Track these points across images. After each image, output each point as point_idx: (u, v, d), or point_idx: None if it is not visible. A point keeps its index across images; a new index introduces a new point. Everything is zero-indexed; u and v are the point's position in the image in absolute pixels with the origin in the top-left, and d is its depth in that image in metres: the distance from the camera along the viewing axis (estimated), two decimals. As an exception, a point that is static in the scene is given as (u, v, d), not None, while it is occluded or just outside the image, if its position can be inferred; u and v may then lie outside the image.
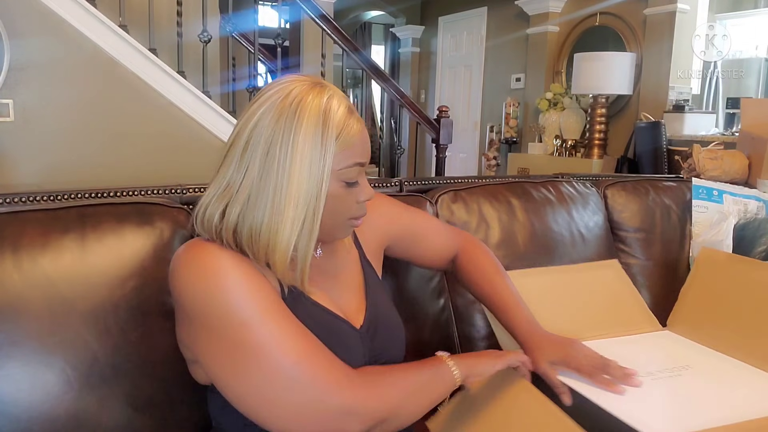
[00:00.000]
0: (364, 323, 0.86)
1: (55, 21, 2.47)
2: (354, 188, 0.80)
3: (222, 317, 0.71)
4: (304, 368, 0.70)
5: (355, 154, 0.78)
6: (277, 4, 3.33)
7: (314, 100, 0.75)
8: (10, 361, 0.83)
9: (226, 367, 0.72)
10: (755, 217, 1.55)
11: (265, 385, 0.70)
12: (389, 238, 1.02)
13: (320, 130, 0.74)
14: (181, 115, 2.73)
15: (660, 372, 0.92)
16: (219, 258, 0.73)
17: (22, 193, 1.03)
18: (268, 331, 0.71)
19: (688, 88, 4.22)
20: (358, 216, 0.83)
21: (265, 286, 0.75)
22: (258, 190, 0.74)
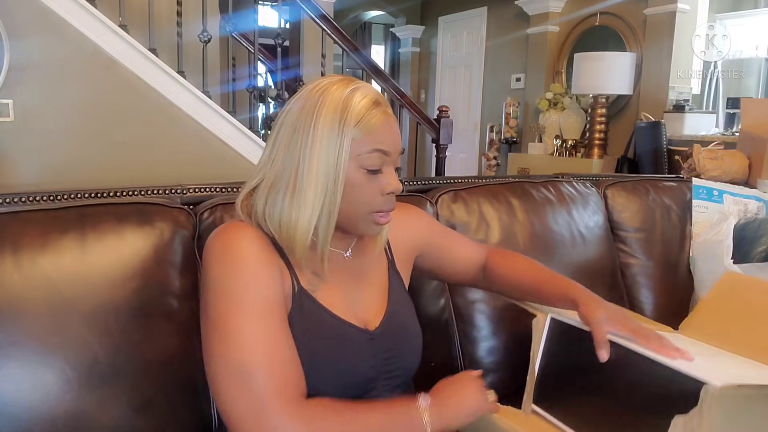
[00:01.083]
0: (378, 327, 0.86)
1: (55, 21, 2.46)
2: (377, 178, 0.80)
3: (220, 297, 0.76)
4: (259, 379, 0.72)
5: (376, 140, 0.78)
6: (277, 4, 3.33)
7: (338, 90, 0.79)
8: (10, 361, 0.83)
9: (209, 336, 0.77)
10: (755, 217, 1.55)
11: (225, 373, 0.73)
12: (420, 248, 1.02)
13: (338, 116, 0.77)
14: (181, 115, 2.73)
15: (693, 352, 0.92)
16: (245, 243, 0.78)
17: (22, 193, 1.03)
18: (254, 330, 0.74)
19: (688, 88, 4.22)
20: (382, 209, 0.82)
21: (271, 286, 0.77)
22: (282, 173, 0.79)
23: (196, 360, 0.98)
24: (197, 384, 0.98)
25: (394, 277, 0.94)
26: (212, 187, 1.20)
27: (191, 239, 1.02)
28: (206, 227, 1.04)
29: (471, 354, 1.27)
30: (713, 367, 0.85)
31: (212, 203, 1.08)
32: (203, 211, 1.06)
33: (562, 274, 1.36)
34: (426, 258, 1.04)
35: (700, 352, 0.93)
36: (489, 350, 1.27)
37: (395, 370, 0.86)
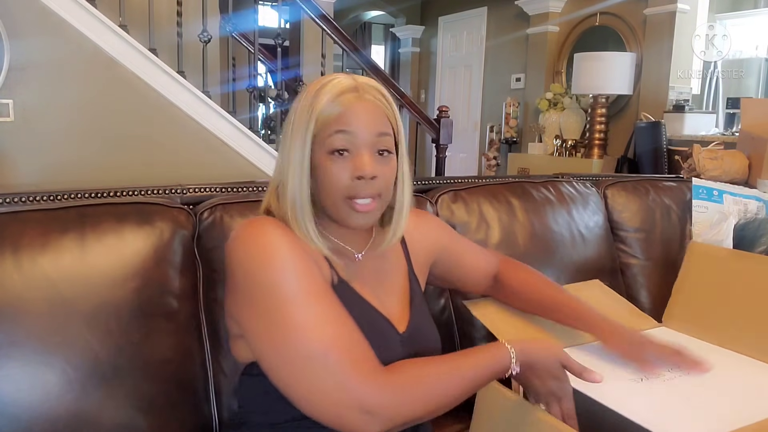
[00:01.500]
0: (406, 330, 0.87)
1: (55, 21, 2.46)
2: (346, 161, 0.78)
3: (268, 290, 0.73)
4: (333, 357, 0.70)
5: (341, 122, 0.77)
6: (277, 4, 3.33)
7: (318, 81, 0.81)
8: (10, 361, 0.83)
9: (264, 338, 0.74)
10: (755, 217, 1.55)
11: (296, 363, 0.71)
12: (437, 254, 1.02)
13: (310, 99, 0.79)
14: (181, 115, 2.73)
15: (669, 372, 0.92)
16: (275, 234, 0.76)
17: (22, 193, 1.03)
18: (308, 313, 0.72)
19: (688, 88, 4.22)
20: (355, 195, 0.78)
21: (315, 270, 0.77)
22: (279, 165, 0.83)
23: (196, 359, 0.98)
24: (197, 383, 0.98)
25: (414, 282, 0.95)
26: (212, 187, 1.20)
27: (191, 239, 1.02)
28: (206, 227, 1.04)
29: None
30: (679, 405, 0.84)
31: (212, 203, 1.08)
32: (203, 211, 1.06)
33: (562, 274, 1.36)
34: (440, 264, 1.03)
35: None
36: (489, 350, 1.27)
37: None
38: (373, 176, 0.78)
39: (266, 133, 3.47)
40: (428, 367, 0.75)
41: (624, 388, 0.88)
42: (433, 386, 0.73)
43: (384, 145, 0.80)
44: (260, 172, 2.86)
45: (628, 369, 0.93)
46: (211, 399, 0.99)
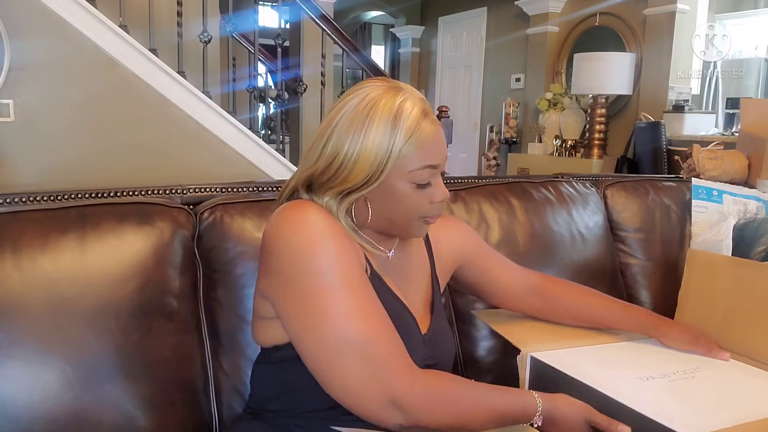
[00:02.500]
0: (428, 332, 0.88)
1: (55, 21, 2.46)
2: (426, 189, 0.81)
3: (312, 276, 0.74)
4: (371, 348, 0.72)
5: (426, 156, 0.79)
6: (277, 4, 3.33)
7: (387, 103, 0.79)
8: (10, 361, 0.83)
9: (301, 322, 0.75)
10: (755, 217, 1.55)
11: (335, 349, 0.72)
12: (461, 260, 1.03)
13: (388, 133, 0.77)
14: (181, 115, 2.73)
15: (674, 374, 0.93)
16: (320, 221, 0.77)
17: (22, 193, 1.03)
18: (348, 302, 0.73)
19: (688, 88, 4.22)
20: (431, 216, 0.83)
21: (355, 259, 0.78)
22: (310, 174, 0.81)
23: (195, 359, 0.98)
24: (196, 383, 0.98)
25: (436, 285, 0.96)
26: (212, 187, 1.20)
27: (191, 239, 1.02)
28: (206, 227, 1.04)
29: (471, 354, 1.27)
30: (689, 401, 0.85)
31: (212, 203, 1.08)
32: (203, 211, 1.06)
33: (561, 274, 1.36)
34: (467, 271, 1.04)
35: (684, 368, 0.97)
36: (489, 350, 1.27)
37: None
38: (448, 197, 0.84)
39: (266, 133, 3.47)
40: (463, 385, 0.77)
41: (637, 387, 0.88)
42: (463, 404, 0.75)
43: (444, 168, 0.84)
44: (260, 172, 2.86)
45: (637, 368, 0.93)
46: (211, 398, 1.00)
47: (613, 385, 0.84)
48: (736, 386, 0.94)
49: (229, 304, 1.02)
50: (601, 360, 0.97)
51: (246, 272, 1.02)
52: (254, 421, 0.86)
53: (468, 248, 1.03)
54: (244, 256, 1.02)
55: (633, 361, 0.96)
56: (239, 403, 0.99)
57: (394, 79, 0.90)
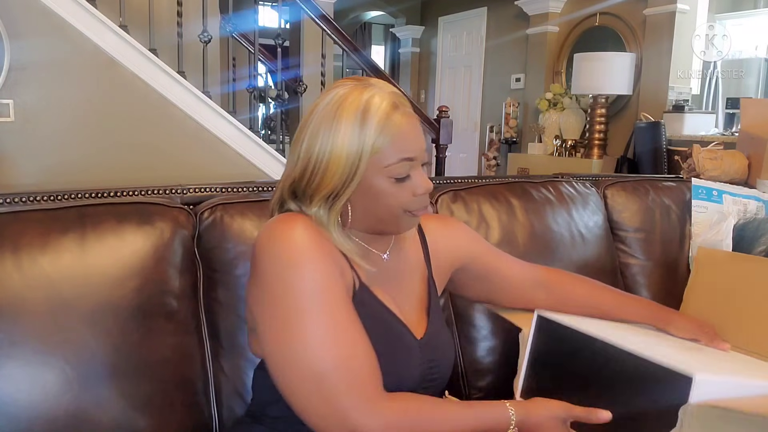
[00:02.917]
0: (424, 336, 0.87)
1: (55, 21, 2.46)
2: (407, 183, 0.80)
3: (286, 295, 0.74)
4: (338, 376, 0.71)
5: (401, 149, 0.78)
6: (277, 4, 3.33)
7: (354, 100, 0.77)
8: (10, 361, 0.83)
9: (273, 341, 0.74)
10: (755, 217, 1.55)
11: (296, 375, 0.72)
12: (461, 261, 1.01)
13: (357, 131, 0.76)
14: (181, 115, 2.73)
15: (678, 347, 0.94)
16: (305, 237, 0.76)
17: (22, 193, 1.03)
18: (318, 327, 0.73)
19: (688, 88, 4.22)
20: (416, 209, 0.82)
21: (337, 280, 0.77)
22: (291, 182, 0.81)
23: (194, 360, 0.98)
24: (196, 383, 0.98)
25: (432, 287, 0.95)
26: (212, 187, 1.20)
27: (191, 239, 1.02)
28: (206, 227, 1.04)
29: (471, 354, 1.27)
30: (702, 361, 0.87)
31: (212, 203, 1.08)
32: (203, 211, 1.06)
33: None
34: (469, 271, 1.02)
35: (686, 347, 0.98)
36: (488, 350, 1.27)
37: (436, 379, 0.87)
38: (431, 189, 0.83)
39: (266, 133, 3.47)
40: (428, 406, 0.75)
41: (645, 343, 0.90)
42: (427, 426, 0.74)
43: (427, 158, 0.83)
44: (260, 172, 2.86)
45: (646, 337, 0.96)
46: (211, 399, 1.00)
47: (620, 339, 0.85)
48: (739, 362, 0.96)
49: (229, 304, 1.02)
50: (610, 326, 0.98)
51: (246, 272, 1.01)
52: (255, 425, 0.85)
53: (468, 248, 1.02)
54: (244, 256, 1.02)
55: (641, 333, 0.98)
56: (239, 405, 0.99)
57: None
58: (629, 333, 0.95)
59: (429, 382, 0.86)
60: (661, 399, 0.74)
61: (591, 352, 0.86)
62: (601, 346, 0.85)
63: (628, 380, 0.80)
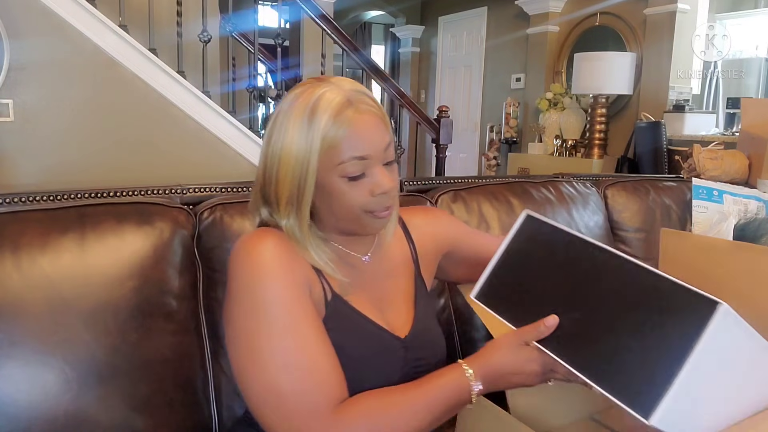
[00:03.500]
0: (409, 334, 0.86)
1: (55, 21, 2.46)
2: (362, 181, 0.77)
3: (250, 313, 0.74)
4: (295, 398, 0.71)
5: (352, 147, 0.75)
6: (277, 4, 3.33)
7: (306, 97, 0.76)
8: (10, 361, 0.83)
9: (238, 354, 0.75)
10: (755, 217, 1.55)
11: (261, 389, 0.72)
12: (446, 247, 0.99)
13: (306, 127, 0.75)
14: (181, 115, 2.73)
15: None
16: (272, 254, 0.75)
17: (22, 193, 1.03)
18: (281, 347, 0.73)
19: (688, 88, 4.22)
20: (375, 209, 0.79)
21: (303, 298, 0.76)
22: (262, 181, 0.80)
23: (194, 360, 0.98)
24: (196, 384, 0.98)
25: (420, 283, 0.94)
26: (212, 187, 1.20)
27: (191, 239, 1.02)
28: (206, 227, 1.04)
29: (470, 354, 1.26)
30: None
31: (212, 203, 1.08)
32: (203, 211, 1.06)
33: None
34: (453, 257, 1.01)
35: None
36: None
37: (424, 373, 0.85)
38: (392, 188, 0.79)
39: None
40: (387, 399, 0.74)
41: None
42: (391, 419, 0.72)
43: (390, 157, 0.80)
44: (260, 172, 2.85)
45: None
46: (211, 400, 0.99)
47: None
48: None
49: (228, 304, 1.02)
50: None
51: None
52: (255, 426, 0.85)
53: (450, 233, 1.01)
54: (243, 256, 1.02)
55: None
56: (239, 405, 0.99)
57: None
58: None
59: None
60: (667, 324, 0.63)
61: (586, 261, 0.74)
62: (601, 256, 0.73)
63: (629, 297, 0.68)
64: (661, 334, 0.63)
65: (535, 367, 0.72)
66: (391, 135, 0.81)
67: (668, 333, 0.63)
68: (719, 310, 0.60)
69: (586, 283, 0.73)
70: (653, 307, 0.65)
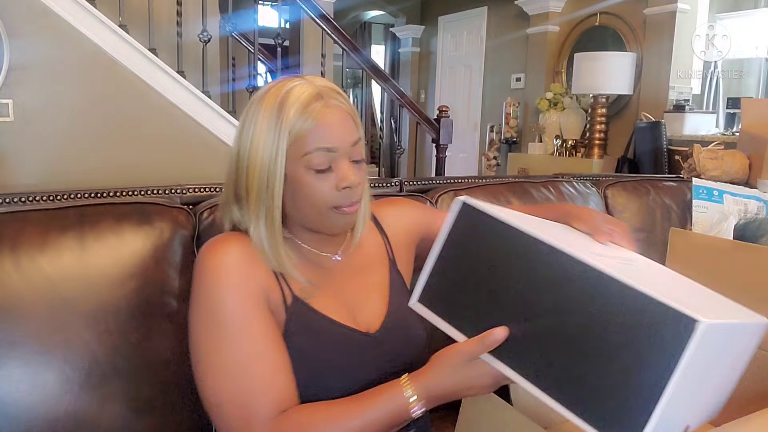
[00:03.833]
0: (380, 329, 0.85)
1: (55, 21, 2.46)
2: (328, 175, 0.78)
3: (201, 321, 0.77)
4: (229, 410, 0.74)
5: (319, 138, 0.76)
6: (277, 4, 3.33)
7: (276, 91, 0.78)
8: (10, 362, 0.83)
9: (192, 359, 0.78)
10: (755, 217, 1.55)
11: (205, 397, 0.76)
12: (419, 234, 0.99)
13: (275, 117, 0.76)
14: (181, 115, 2.73)
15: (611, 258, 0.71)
16: (228, 260, 0.77)
17: (22, 193, 1.03)
18: (218, 358, 0.75)
19: (689, 88, 4.22)
20: (341, 204, 0.79)
21: (255, 308, 0.76)
22: (232, 181, 0.82)
23: (195, 360, 0.98)
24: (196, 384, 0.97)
25: (396, 276, 0.93)
26: (212, 187, 1.20)
27: (191, 239, 1.02)
28: (206, 227, 1.04)
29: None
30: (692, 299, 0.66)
31: (212, 203, 1.08)
32: (203, 210, 1.06)
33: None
34: (428, 242, 1.00)
35: (618, 255, 0.75)
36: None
37: (400, 372, 0.83)
38: (358, 184, 0.80)
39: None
40: (321, 414, 0.73)
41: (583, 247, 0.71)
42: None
43: (359, 155, 0.81)
44: (260, 172, 2.85)
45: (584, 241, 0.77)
46: (210, 399, 0.99)
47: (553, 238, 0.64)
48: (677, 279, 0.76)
49: (228, 304, 1.01)
50: (546, 226, 0.78)
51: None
52: None
53: (421, 219, 1.00)
54: (243, 256, 1.02)
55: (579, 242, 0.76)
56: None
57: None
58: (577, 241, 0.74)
59: (392, 376, 0.79)
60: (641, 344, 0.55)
61: (540, 264, 0.63)
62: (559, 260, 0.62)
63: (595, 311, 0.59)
64: (634, 355, 0.56)
65: (485, 380, 0.68)
66: (361, 134, 0.82)
67: (643, 354, 0.55)
68: (698, 328, 0.53)
69: (542, 290, 0.63)
70: (625, 323, 0.57)
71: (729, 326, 0.61)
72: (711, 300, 0.70)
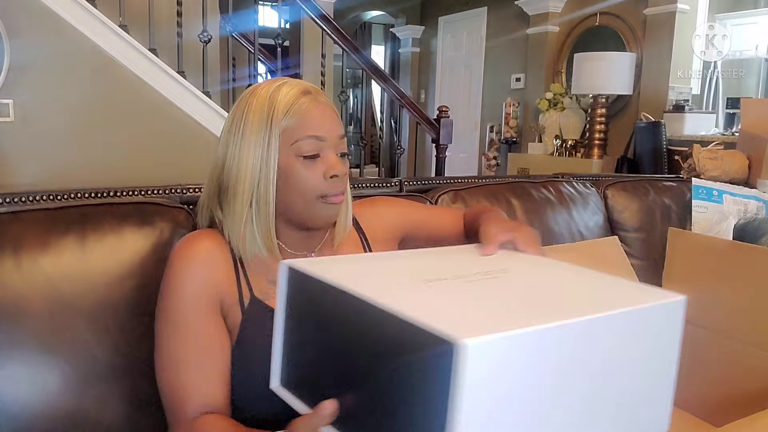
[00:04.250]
0: None
1: (55, 21, 2.46)
2: (317, 164, 0.81)
3: (159, 312, 0.81)
4: (163, 396, 0.80)
5: (308, 126, 0.80)
6: (277, 4, 3.33)
7: (265, 88, 0.82)
8: (11, 361, 0.83)
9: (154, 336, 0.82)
10: (755, 217, 1.55)
11: (156, 377, 0.81)
12: (402, 233, 1.00)
13: (266, 111, 0.79)
14: (181, 115, 2.73)
15: (474, 275, 0.65)
16: (179, 256, 0.81)
17: (22, 193, 1.03)
18: (170, 348, 0.79)
19: (688, 88, 4.22)
20: (329, 194, 0.82)
21: (204, 309, 0.79)
22: (220, 179, 0.83)
23: (196, 360, 0.98)
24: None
25: None
26: (212, 186, 1.20)
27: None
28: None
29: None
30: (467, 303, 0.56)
31: (212, 203, 1.08)
32: (203, 210, 1.06)
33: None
34: (413, 238, 1.01)
35: (489, 269, 0.68)
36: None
37: None
38: (344, 174, 0.83)
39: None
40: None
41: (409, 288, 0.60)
42: None
43: (344, 149, 0.85)
44: (260, 172, 2.85)
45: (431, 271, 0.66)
46: (211, 399, 0.99)
47: (377, 288, 0.56)
48: (541, 287, 0.65)
49: (229, 304, 1.02)
50: (386, 267, 0.70)
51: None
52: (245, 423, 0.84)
53: (400, 219, 1.00)
54: (244, 256, 1.02)
55: (431, 264, 0.70)
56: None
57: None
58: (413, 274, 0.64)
59: None
60: (412, 376, 0.47)
61: (352, 317, 0.55)
62: (359, 307, 0.53)
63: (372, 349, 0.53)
64: (409, 392, 0.47)
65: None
66: (344, 131, 0.86)
67: (418, 389, 0.47)
68: (457, 350, 0.42)
69: (353, 346, 0.55)
70: (393, 354, 0.49)
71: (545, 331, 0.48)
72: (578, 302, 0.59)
